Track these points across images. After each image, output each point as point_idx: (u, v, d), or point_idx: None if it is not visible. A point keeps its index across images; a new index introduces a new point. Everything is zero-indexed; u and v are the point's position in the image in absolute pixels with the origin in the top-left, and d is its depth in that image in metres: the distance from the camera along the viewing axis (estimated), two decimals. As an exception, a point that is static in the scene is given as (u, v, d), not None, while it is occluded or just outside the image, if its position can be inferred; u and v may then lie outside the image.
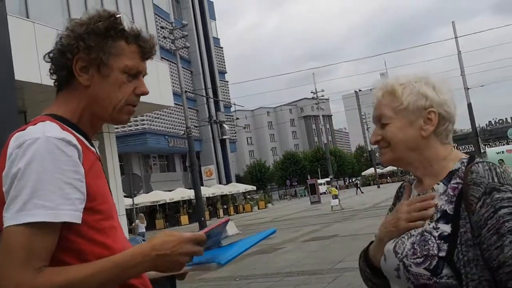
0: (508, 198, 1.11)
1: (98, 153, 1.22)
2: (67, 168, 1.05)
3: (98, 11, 1.20)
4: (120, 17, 1.18)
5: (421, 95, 1.24)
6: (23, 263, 0.99)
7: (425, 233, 1.18)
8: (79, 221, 1.06)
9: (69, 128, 1.14)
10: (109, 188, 1.25)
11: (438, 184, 1.24)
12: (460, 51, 33.61)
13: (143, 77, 1.23)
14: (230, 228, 1.32)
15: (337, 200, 27.41)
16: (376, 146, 1.35)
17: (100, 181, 1.15)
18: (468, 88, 33.51)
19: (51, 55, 1.20)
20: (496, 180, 1.14)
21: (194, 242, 1.11)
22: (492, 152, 30.08)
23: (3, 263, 1.00)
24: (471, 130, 34.15)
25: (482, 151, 35.28)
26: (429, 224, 1.20)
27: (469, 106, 32.94)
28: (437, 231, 1.17)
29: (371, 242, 1.38)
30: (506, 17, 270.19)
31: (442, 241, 1.15)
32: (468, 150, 39.04)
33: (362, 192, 48.80)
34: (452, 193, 1.19)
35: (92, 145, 1.20)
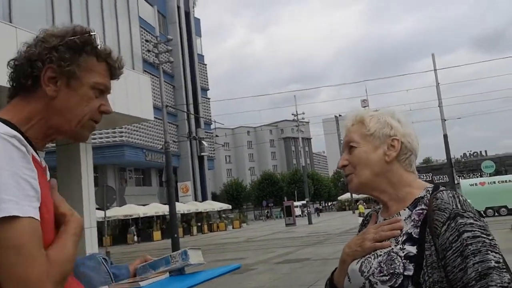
0: (470, 223, 1.18)
1: (44, 164, 1.19)
2: (22, 164, 1.03)
3: (73, 26, 1.21)
4: (95, 34, 1.21)
5: (387, 124, 1.35)
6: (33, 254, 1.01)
7: (392, 253, 1.23)
8: (38, 218, 1.03)
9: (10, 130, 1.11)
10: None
11: (404, 210, 1.30)
12: (438, 83, 34.38)
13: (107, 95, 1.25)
14: (195, 257, 1.29)
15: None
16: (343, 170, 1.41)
17: (45, 191, 1.10)
18: (445, 120, 34.17)
19: (16, 62, 1.19)
20: (459, 206, 1.21)
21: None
22: (466, 184, 30.65)
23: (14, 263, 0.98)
24: (446, 161, 34.67)
25: (456, 182, 35.87)
26: (395, 246, 1.25)
27: (445, 137, 33.51)
28: (403, 252, 1.22)
29: (335, 269, 1.41)
30: (484, 53, 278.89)
31: (408, 261, 1.20)
32: (443, 181, 39.66)
33: (360, 215, 48.87)
34: (417, 218, 1.26)
35: (38, 155, 1.16)
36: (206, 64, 60.24)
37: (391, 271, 1.20)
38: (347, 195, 79.43)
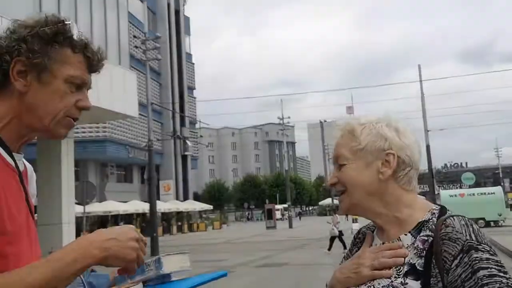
0: (486, 259, 1.02)
1: (20, 167, 1.10)
2: None
3: (46, 15, 1.10)
4: (69, 23, 1.10)
5: (380, 136, 1.17)
6: None
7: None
8: None
9: None
10: (30, 208, 1.11)
11: (406, 234, 1.13)
12: (423, 94, 34.78)
13: (87, 90, 1.14)
14: (177, 263, 1.18)
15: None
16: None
17: (11, 198, 1.01)
18: (428, 130, 34.58)
19: None
20: (473, 237, 1.05)
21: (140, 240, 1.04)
22: (446, 194, 31.04)
23: None
24: (427, 170, 35.08)
25: (436, 192, 36.31)
26: (395, 278, 1.09)
27: (428, 147, 33.91)
28: (404, 287, 1.07)
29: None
30: (469, 66, 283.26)
31: None
32: (423, 190, 40.14)
33: (348, 220, 48.98)
34: (421, 247, 1.09)
35: (12, 157, 1.07)
36: (193, 63, 60.07)
37: None
38: (328, 200, 79.79)
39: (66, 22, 1.09)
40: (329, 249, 17.16)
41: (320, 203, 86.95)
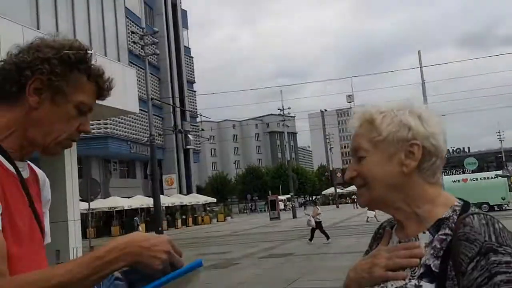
0: (506, 262, 0.92)
1: (25, 175, 1.15)
2: None
3: (71, 40, 1.17)
4: (91, 53, 1.16)
5: (403, 125, 1.07)
6: None
7: None
8: None
9: None
10: (35, 210, 1.15)
11: (424, 232, 1.05)
12: (424, 80, 34.70)
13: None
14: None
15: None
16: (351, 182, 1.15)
17: (10, 201, 1.06)
18: (429, 117, 34.60)
19: (4, 65, 1.14)
20: (493, 238, 0.96)
21: (174, 247, 1.03)
22: (448, 180, 31.04)
23: None
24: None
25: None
26: (409, 280, 1.01)
27: (429, 134, 33.91)
28: None
29: None
30: (470, 51, 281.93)
31: None
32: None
33: (357, 208, 49.20)
34: (439, 246, 1.01)
35: (13, 165, 1.12)
36: (192, 57, 59.94)
37: None
38: (331, 190, 79.93)
39: (88, 51, 1.15)
40: (310, 240, 17.38)
41: (323, 192, 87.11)
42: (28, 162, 1.23)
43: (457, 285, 0.95)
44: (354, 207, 51.25)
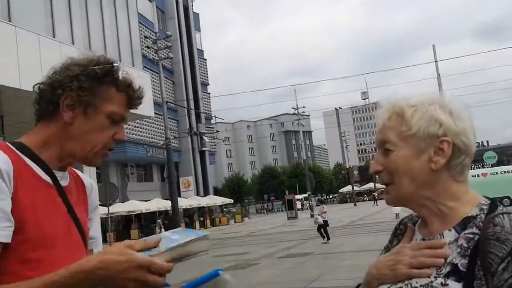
0: None
1: (63, 183, 1.23)
2: None
3: (97, 56, 1.24)
4: (117, 66, 1.23)
5: (434, 121, 1.04)
6: None
7: None
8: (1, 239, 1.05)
9: (19, 154, 1.16)
10: (74, 216, 1.22)
11: (450, 230, 1.03)
12: (439, 75, 34.32)
13: (124, 124, 1.28)
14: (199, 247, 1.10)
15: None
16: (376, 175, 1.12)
17: (40, 209, 1.14)
18: (446, 111, 34.17)
19: (41, 86, 1.23)
20: None
21: (150, 268, 0.99)
22: (468, 175, 30.61)
23: None
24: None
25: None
26: (435, 278, 0.99)
27: (446, 128, 33.49)
28: None
29: (359, 285, 1.20)
30: (486, 43, 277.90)
31: None
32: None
33: (377, 205, 49.03)
34: (466, 245, 0.99)
35: (50, 173, 1.20)
36: (205, 59, 60.14)
37: None
38: (348, 188, 79.57)
39: (114, 65, 1.22)
40: (327, 238, 17.22)
41: (340, 190, 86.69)
42: (75, 170, 1.34)
43: (485, 285, 0.93)
44: (374, 204, 50.89)
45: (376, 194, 60.39)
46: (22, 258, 1.09)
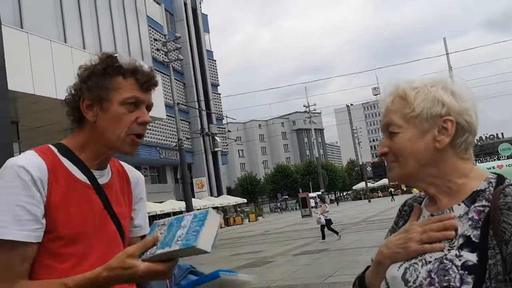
0: None
1: (102, 181, 1.33)
2: (20, 192, 1.16)
3: (98, 56, 1.33)
4: (116, 56, 1.31)
5: (437, 101, 1.07)
6: None
7: (445, 261, 1.00)
8: (27, 239, 1.15)
9: (58, 156, 1.27)
10: (113, 215, 1.33)
11: (459, 204, 1.05)
12: (451, 67, 34.05)
13: (148, 108, 1.34)
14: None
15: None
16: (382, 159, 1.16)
17: (74, 208, 1.24)
18: (459, 104, 33.90)
19: (66, 99, 1.35)
20: None
21: (150, 273, 1.11)
22: (483, 167, 30.26)
23: None
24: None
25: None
26: (449, 251, 1.01)
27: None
28: (460, 260, 0.98)
29: (367, 268, 1.20)
30: (497, 34, 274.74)
31: (466, 272, 0.96)
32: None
33: (394, 200, 48.95)
34: (477, 217, 1.01)
35: (87, 173, 1.30)
36: (215, 60, 60.33)
37: (445, 284, 0.97)
38: (362, 184, 79.22)
39: (113, 56, 1.30)
40: (323, 238, 17.21)
41: (354, 187, 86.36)
42: (123, 164, 1.46)
43: (499, 254, 0.95)
44: (392, 200, 50.63)
45: (392, 190, 60.06)
46: (54, 253, 1.20)
